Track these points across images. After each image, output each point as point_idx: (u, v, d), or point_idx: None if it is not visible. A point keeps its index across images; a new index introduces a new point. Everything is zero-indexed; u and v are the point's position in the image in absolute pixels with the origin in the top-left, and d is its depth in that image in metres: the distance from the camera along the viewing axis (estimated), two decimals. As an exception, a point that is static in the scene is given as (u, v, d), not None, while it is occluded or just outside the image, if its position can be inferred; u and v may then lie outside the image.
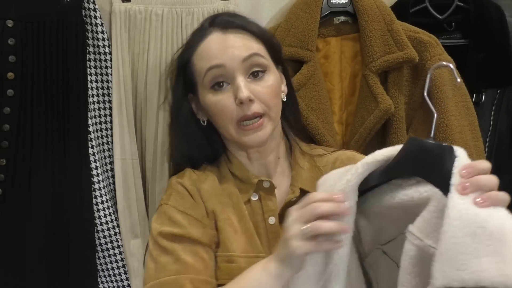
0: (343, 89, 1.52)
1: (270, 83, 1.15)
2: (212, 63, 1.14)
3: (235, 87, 1.12)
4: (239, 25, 1.17)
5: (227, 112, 1.13)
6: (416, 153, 0.90)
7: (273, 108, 1.15)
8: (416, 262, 0.84)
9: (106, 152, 1.50)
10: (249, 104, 1.12)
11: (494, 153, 1.60)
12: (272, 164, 1.22)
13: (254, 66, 1.14)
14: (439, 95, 1.43)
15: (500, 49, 1.54)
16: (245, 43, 1.15)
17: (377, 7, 1.47)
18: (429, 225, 0.83)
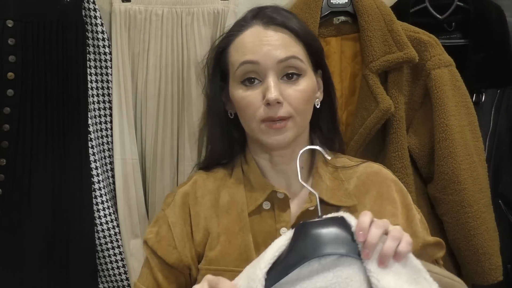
0: (343, 89, 1.52)
1: (303, 87, 1.11)
2: (246, 58, 1.10)
3: (265, 86, 1.09)
4: (281, 23, 1.12)
5: (253, 110, 1.10)
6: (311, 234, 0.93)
7: (301, 113, 1.11)
8: None
9: (106, 152, 1.50)
10: (276, 106, 1.08)
11: (494, 153, 1.60)
12: (293, 172, 1.13)
13: (290, 68, 1.10)
14: (439, 95, 1.43)
15: (500, 49, 1.54)
16: (284, 43, 1.11)
17: (377, 7, 1.47)
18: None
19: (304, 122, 1.14)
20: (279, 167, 1.17)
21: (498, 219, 1.49)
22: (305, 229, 0.94)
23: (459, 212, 1.43)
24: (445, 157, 1.43)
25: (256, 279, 0.91)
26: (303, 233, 0.93)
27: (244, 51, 1.11)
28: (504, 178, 1.61)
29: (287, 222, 1.12)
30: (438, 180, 1.45)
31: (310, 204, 1.12)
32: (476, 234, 1.44)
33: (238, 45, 1.13)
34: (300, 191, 1.17)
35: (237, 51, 1.13)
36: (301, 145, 1.15)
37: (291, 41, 1.12)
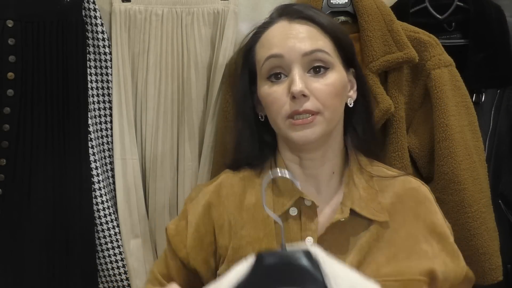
0: (343, 89, 1.52)
1: (331, 81, 1.07)
2: (271, 52, 1.08)
3: (291, 80, 1.05)
4: (307, 16, 1.10)
5: (278, 105, 1.06)
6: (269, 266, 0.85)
7: (330, 108, 1.06)
8: None
9: (106, 152, 1.50)
10: (302, 100, 1.04)
11: (494, 153, 1.60)
12: (324, 177, 1.12)
13: (316, 62, 1.06)
14: (439, 95, 1.43)
15: (500, 49, 1.54)
16: (310, 36, 1.08)
17: (377, 7, 1.47)
18: None
19: (334, 118, 1.08)
20: (309, 171, 1.12)
21: (498, 219, 1.49)
22: (263, 260, 0.85)
23: (459, 212, 1.43)
24: (445, 157, 1.42)
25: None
26: (261, 264, 0.85)
27: (269, 46, 1.09)
28: (504, 178, 1.61)
29: (314, 231, 1.07)
30: (438, 180, 1.45)
31: (342, 215, 1.07)
32: (476, 234, 1.43)
33: (264, 42, 1.12)
34: (331, 199, 1.12)
35: (263, 47, 1.11)
36: (333, 147, 1.12)
37: (318, 34, 1.09)
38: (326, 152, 1.11)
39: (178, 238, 1.14)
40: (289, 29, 1.09)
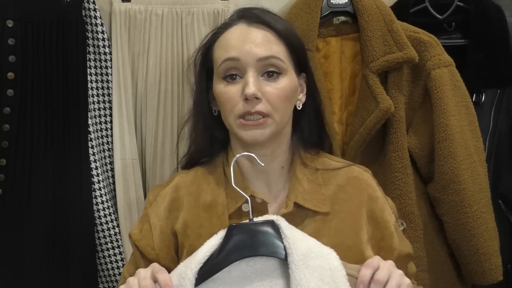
0: (343, 89, 1.52)
1: (282, 86, 1.12)
2: (229, 55, 1.12)
3: (245, 82, 1.10)
4: (265, 21, 1.14)
5: (232, 105, 1.11)
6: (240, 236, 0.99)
7: (280, 111, 1.12)
8: None
9: (106, 152, 1.50)
10: (254, 102, 1.09)
11: (494, 153, 1.60)
12: (274, 173, 1.18)
13: (270, 67, 1.12)
14: (439, 95, 1.43)
15: (500, 49, 1.54)
16: (266, 41, 1.13)
17: (377, 7, 1.47)
18: None
19: (283, 120, 1.14)
20: (260, 167, 1.15)
21: (498, 219, 1.49)
22: (235, 231, 0.99)
23: (459, 212, 1.43)
24: (445, 157, 1.43)
25: (186, 278, 0.97)
26: (233, 235, 0.99)
27: (227, 48, 1.14)
28: (504, 178, 1.61)
29: None
30: (438, 180, 1.45)
31: (286, 209, 1.13)
32: (476, 234, 1.43)
33: (222, 42, 1.16)
34: (279, 194, 1.18)
35: (221, 48, 1.15)
36: (282, 145, 1.18)
37: (273, 39, 1.14)
38: (276, 149, 1.17)
39: (144, 241, 1.17)
40: (247, 33, 1.14)
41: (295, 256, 0.97)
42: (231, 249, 0.98)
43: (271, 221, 1.00)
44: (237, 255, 0.98)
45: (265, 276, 0.99)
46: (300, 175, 1.17)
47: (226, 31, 1.16)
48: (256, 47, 1.11)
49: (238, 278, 0.99)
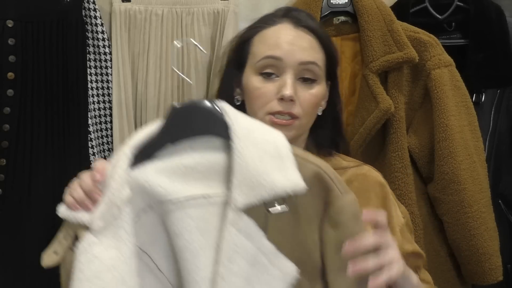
0: (343, 89, 1.52)
1: (315, 92, 1.15)
2: (272, 53, 1.13)
3: (282, 83, 1.12)
4: (311, 27, 1.16)
5: (264, 101, 1.13)
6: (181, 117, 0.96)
7: (308, 116, 1.15)
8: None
9: (106, 153, 1.50)
10: (289, 103, 1.11)
11: (494, 153, 1.60)
12: None
13: (308, 72, 1.14)
14: (439, 95, 1.43)
15: (500, 49, 1.54)
16: (311, 47, 1.15)
17: (377, 7, 1.47)
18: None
19: (307, 125, 1.17)
20: None
21: (498, 219, 1.49)
22: (176, 112, 0.95)
23: (459, 212, 1.43)
24: (445, 157, 1.43)
25: (123, 153, 0.93)
26: (173, 115, 0.95)
27: (271, 45, 1.14)
28: (504, 178, 1.61)
29: None
30: (438, 180, 1.45)
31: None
32: (476, 234, 1.44)
33: (265, 38, 1.16)
34: None
35: (263, 43, 1.16)
36: (299, 145, 1.18)
37: (316, 46, 1.16)
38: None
39: None
40: (294, 35, 1.14)
41: (238, 129, 0.92)
42: (171, 128, 0.95)
43: (213, 101, 0.96)
44: (177, 133, 0.95)
45: (206, 150, 0.95)
46: None
47: (270, 27, 1.17)
48: (300, 51, 1.13)
49: (178, 155, 0.95)
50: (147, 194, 0.94)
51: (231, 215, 0.90)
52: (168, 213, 0.93)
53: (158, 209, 0.94)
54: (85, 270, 0.91)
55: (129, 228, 0.92)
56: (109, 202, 0.92)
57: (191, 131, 0.95)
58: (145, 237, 0.96)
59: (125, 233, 0.92)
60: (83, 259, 0.91)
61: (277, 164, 0.91)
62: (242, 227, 0.90)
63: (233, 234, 0.90)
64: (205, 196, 0.93)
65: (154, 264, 0.97)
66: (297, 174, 0.91)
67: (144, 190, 0.94)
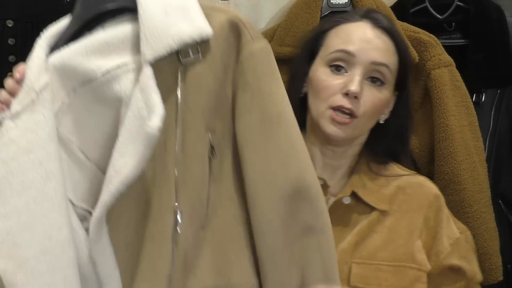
0: (343, 89, 1.52)
1: (381, 96, 1.14)
2: (346, 47, 1.13)
3: (350, 78, 1.12)
4: (389, 30, 1.17)
5: (328, 94, 1.13)
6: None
7: (367, 118, 1.14)
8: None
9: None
10: (353, 100, 1.11)
11: (494, 153, 1.60)
12: (340, 170, 1.20)
13: (378, 73, 1.14)
14: (439, 95, 1.43)
15: (500, 49, 1.54)
16: (385, 49, 1.15)
17: (377, 7, 1.46)
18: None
19: (363, 128, 1.17)
20: (328, 160, 1.19)
21: (498, 219, 1.49)
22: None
23: (459, 212, 1.43)
24: (445, 157, 1.42)
25: (36, 48, 0.99)
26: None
27: (347, 40, 1.15)
28: (504, 178, 1.61)
29: None
30: (438, 180, 1.44)
31: (343, 194, 1.16)
32: (476, 234, 1.43)
33: (341, 32, 1.17)
34: (341, 190, 1.18)
35: (339, 37, 1.16)
36: (354, 148, 1.20)
37: (392, 50, 1.16)
38: (348, 150, 1.19)
39: None
40: (371, 34, 1.15)
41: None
42: (79, 12, 0.98)
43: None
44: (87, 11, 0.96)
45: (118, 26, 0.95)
46: (363, 175, 1.19)
47: (348, 23, 1.17)
48: (374, 51, 1.13)
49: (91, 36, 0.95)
50: (68, 78, 0.95)
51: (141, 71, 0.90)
52: (89, 91, 0.93)
53: (81, 90, 0.95)
54: (2, 153, 0.92)
55: (47, 113, 0.93)
56: (27, 88, 0.93)
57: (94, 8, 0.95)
58: (71, 124, 0.96)
59: (43, 117, 0.93)
60: (1, 142, 0.92)
61: (182, 14, 0.92)
62: (141, 79, 0.89)
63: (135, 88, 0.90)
64: (120, 66, 0.92)
65: (81, 153, 0.97)
66: (203, 21, 0.92)
67: (65, 74, 0.95)
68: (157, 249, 0.92)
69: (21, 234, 0.89)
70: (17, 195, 0.90)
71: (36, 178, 0.90)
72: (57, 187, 0.91)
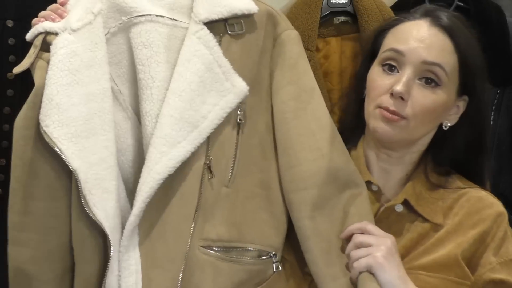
0: (343, 89, 1.52)
1: (434, 98, 1.08)
2: (396, 46, 1.11)
3: (399, 78, 1.08)
4: (448, 28, 1.10)
5: (377, 93, 1.10)
6: None
7: (418, 120, 1.08)
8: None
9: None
10: (398, 101, 1.07)
11: (494, 153, 1.60)
12: (396, 176, 1.17)
13: (431, 74, 1.08)
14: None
15: (500, 49, 1.54)
16: (439, 48, 1.09)
17: (377, 7, 1.47)
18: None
19: (417, 131, 1.11)
20: (384, 165, 1.16)
21: (498, 219, 1.49)
22: None
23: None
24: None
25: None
26: None
27: (398, 39, 1.12)
28: (504, 178, 1.61)
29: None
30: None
31: (395, 201, 1.13)
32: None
33: (397, 32, 1.14)
34: (395, 195, 1.16)
35: (393, 36, 1.14)
36: (412, 155, 1.16)
37: (448, 49, 1.10)
38: (404, 155, 1.15)
39: None
40: (424, 32, 1.10)
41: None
42: None
43: None
44: None
45: None
46: (419, 185, 1.15)
47: (407, 21, 1.15)
48: (426, 49, 1.08)
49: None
50: (118, 11, 1.05)
51: (193, 27, 1.03)
52: (138, 24, 1.03)
53: (127, 25, 1.04)
54: (66, 63, 0.99)
55: (101, 36, 1.02)
56: (85, 8, 1.02)
57: None
58: (111, 56, 1.06)
59: (99, 39, 1.02)
60: (63, 52, 0.99)
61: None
62: (202, 35, 1.03)
63: (194, 41, 1.02)
64: (172, 19, 1.05)
65: (114, 83, 1.07)
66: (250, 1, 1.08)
67: (116, 8, 1.05)
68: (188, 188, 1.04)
69: (88, 140, 0.99)
70: (84, 104, 0.99)
71: (96, 93, 1.00)
72: (110, 105, 1.03)
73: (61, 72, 0.98)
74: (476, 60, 1.14)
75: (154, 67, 1.02)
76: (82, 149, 0.99)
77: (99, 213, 0.99)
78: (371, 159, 1.18)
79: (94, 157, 1.00)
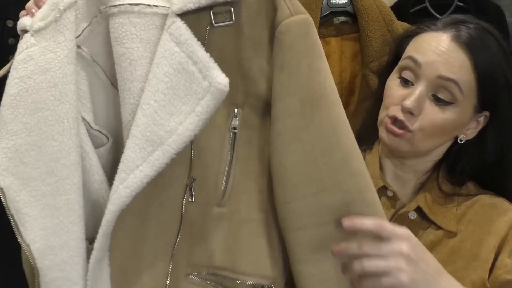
0: (343, 89, 1.52)
1: (445, 116, 1.06)
2: (415, 56, 1.09)
3: (411, 92, 1.07)
4: (469, 44, 1.07)
5: (389, 103, 1.10)
6: None
7: (424, 136, 1.07)
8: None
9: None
10: (407, 115, 1.06)
11: None
12: (410, 183, 1.16)
13: (444, 92, 1.06)
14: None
15: (500, 49, 1.54)
16: (457, 64, 1.06)
17: (377, 7, 1.47)
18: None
19: (422, 145, 1.10)
20: (398, 171, 1.16)
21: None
22: None
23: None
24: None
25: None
26: None
27: (418, 49, 1.10)
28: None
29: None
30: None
31: (408, 208, 1.12)
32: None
33: (418, 41, 1.12)
34: (409, 202, 1.14)
35: (414, 45, 1.12)
36: (425, 165, 1.14)
37: (466, 67, 1.07)
38: (417, 164, 1.15)
39: None
40: (445, 46, 1.08)
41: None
42: None
43: None
44: None
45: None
46: (433, 192, 1.13)
47: (430, 32, 1.12)
48: (443, 65, 1.06)
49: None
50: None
51: (168, 21, 0.86)
52: (112, 16, 0.90)
53: (105, 15, 0.92)
54: (20, 69, 0.90)
55: (68, 34, 0.91)
56: (51, 4, 0.91)
57: None
58: (97, 46, 0.95)
59: (64, 38, 0.90)
60: (20, 58, 0.91)
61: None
62: (173, 30, 0.85)
63: (165, 38, 0.86)
64: (151, 5, 0.88)
65: (105, 75, 0.96)
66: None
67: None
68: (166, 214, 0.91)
69: (29, 153, 0.89)
70: (30, 114, 0.89)
71: (49, 99, 0.89)
72: (70, 110, 0.90)
73: (12, 81, 0.90)
74: (499, 76, 1.10)
75: (125, 67, 0.88)
76: (19, 164, 0.88)
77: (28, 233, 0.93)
78: (386, 165, 1.17)
79: (36, 172, 0.89)
